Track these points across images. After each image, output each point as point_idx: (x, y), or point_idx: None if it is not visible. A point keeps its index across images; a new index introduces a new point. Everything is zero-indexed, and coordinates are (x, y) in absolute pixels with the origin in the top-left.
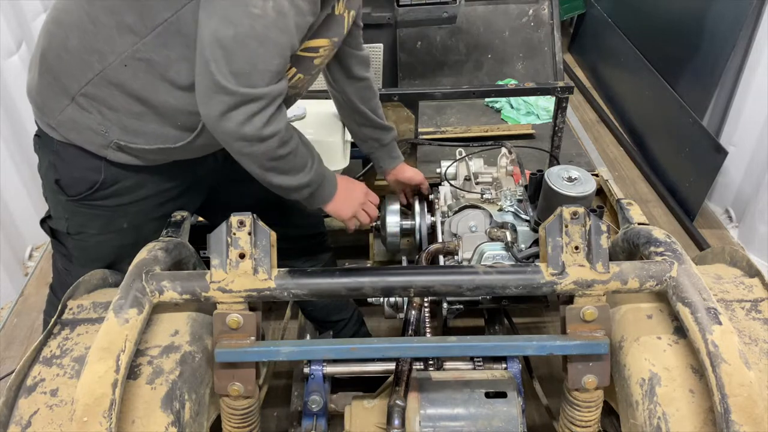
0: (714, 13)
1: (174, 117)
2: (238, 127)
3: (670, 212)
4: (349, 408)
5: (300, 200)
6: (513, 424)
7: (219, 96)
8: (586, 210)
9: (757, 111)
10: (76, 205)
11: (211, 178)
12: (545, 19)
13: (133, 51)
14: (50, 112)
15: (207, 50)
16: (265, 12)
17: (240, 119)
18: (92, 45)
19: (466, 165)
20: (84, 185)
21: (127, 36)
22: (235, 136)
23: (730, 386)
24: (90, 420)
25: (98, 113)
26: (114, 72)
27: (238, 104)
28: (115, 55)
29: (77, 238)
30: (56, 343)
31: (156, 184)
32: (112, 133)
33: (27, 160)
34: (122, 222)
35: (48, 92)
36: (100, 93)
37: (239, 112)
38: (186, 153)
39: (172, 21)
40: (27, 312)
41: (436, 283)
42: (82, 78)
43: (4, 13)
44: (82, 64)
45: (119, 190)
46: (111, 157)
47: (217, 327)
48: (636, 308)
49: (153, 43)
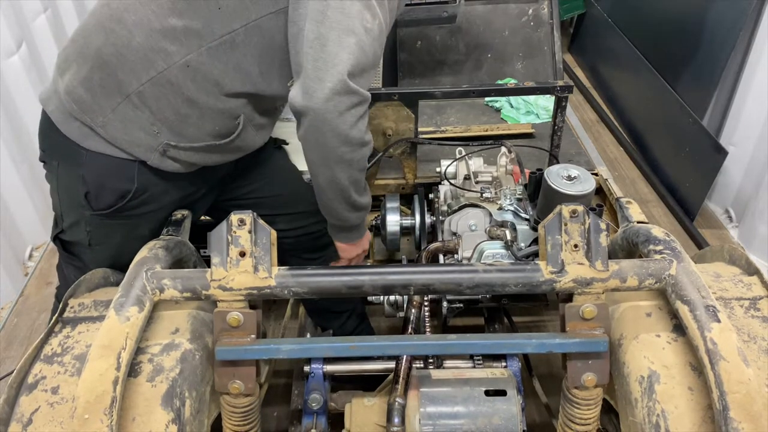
0: (714, 13)
1: (214, 120)
2: (349, 127)
3: (670, 212)
4: (349, 406)
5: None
6: (512, 422)
7: (340, 94)
8: (586, 208)
9: (757, 111)
10: (101, 218)
11: (225, 180)
12: (545, 19)
13: (197, 54)
14: (99, 109)
15: (328, 52)
16: (373, 26)
17: (351, 120)
18: (159, 44)
19: (466, 164)
20: (113, 196)
21: (194, 39)
22: (341, 134)
23: (728, 383)
24: (91, 417)
25: (150, 113)
26: (176, 71)
27: (354, 104)
28: (180, 55)
29: (99, 248)
30: (57, 341)
31: (179, 190)
32: (163, 134)
33: (27, 160)
34: (145, 229)
35: (99, 89)
36: (156, 92)
37: (352, 113)
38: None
39: (239, 32)
40: (27, 312)
41: (435, 281)
42: (144, 75)
43: (4, 13)
44: (146, 62)
45: (148, 199)
46: (153, 161)
47: (217, 325)
48: (635, 306)
49: (216, 49)
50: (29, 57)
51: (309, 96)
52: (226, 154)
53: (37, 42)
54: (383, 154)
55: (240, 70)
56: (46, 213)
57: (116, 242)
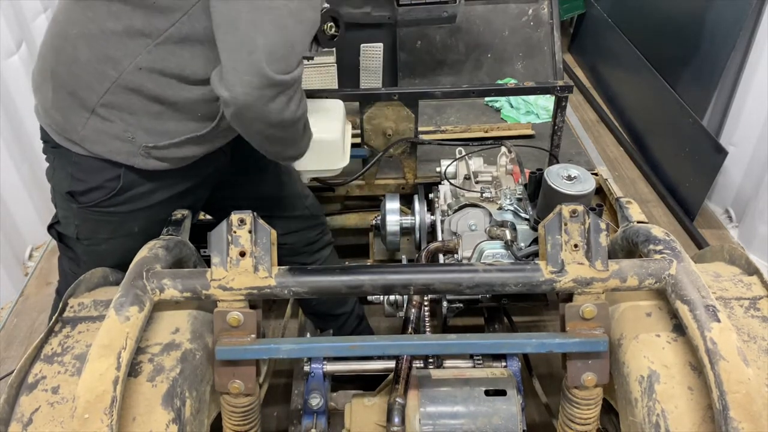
0: (714, 13)
1: (193, 110)
2: (278, 114)
3: (670, 212)
4: (349, 406)
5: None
6: (512, 422)
7: (260, 88)
8: (586, 208)
9: (757, 111)
10: (88, 211)
11: (220, 176)
12: (545, 19)
13: (146, 53)
14: (72, 128)
15: (241, 37)
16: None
17: (279, 107)
18: (104, 53)
19: (466, 164)
20: (99, 194)
21: (139, 39)
22: (271, 122)
23: (728, 383)
24: (91, 417)
25: (120, 120)
26: (130, 77)
27: (279, 93)
28: (129, 59)
29: (87, 243)
30: (57, 340)
31: (169, 188)
32: (139, 138)
33: (27, 160)
34: (133, 226)
35: (66, 109)
36: (119, 100)
37: (279, 100)
38: (213, 140)
39: (183, 21)
40: (27, 312)
41: (435, 281)
42: (99, 88)
43: (4, 13)
44: (97, 74)
45: (133, 197)
46: (139, 164)
47: (217, 325)
48: (635, 306)
49: (166, 44)
50: (29, 57)
51: (228, 89)
52: (215, 141)
53: (37, 42)
54: (383, 154)
55: (197, 57)
56: (46, 213)
57: (104, 237)
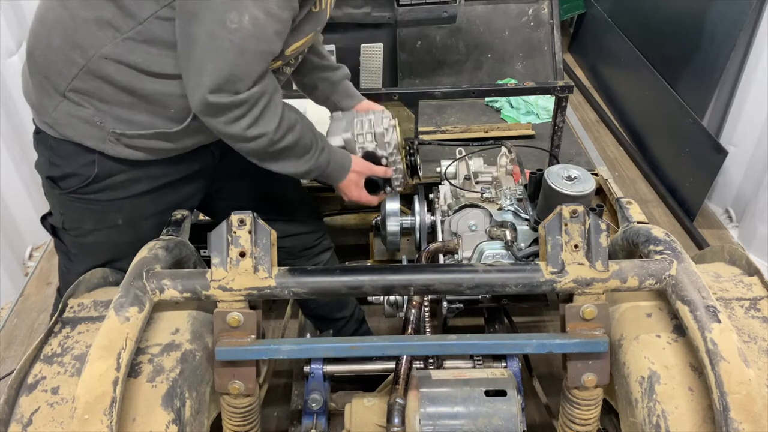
0: (714, 13)
1: (166, 104)
2: (224, 127)
3: (670, 212)
4: (349, 406)
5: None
6: (513, 423)
7: (205, 104)
8: (586, 209)
9: (757, 111)
10: (69, 199)
11: (209, 175)
12: (545, 19)
13: (113, 45)
14: (45, 110)
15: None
16: (241, 25)
17: (223, 121)
18: (73, 40)
19: (466, 164)
20: (76, 180)
21: (107, 30)
22: (222, 134)
23: (729, 384)
24: (91, 418)
25: (91, 106)
26: (96, 66)
27: (221, 110)
28: (94, 50)
29: (74, 234)
30: (57, 341)
31: (149, 180)
32: (107, 123)
33: (27, 159)
34: (117, 217)
35: (40, 91)
36: (88, 87)
37: (223, 118)
38: (185, 138)
39: (151, 20)
40: (27, 312)
41: (435, 281)
42: (68, 74)
43: (4, 13)
44: (66, 60)
45: (112, 185)
46: (109, 150)
47: (217, 325)
48: (635, 306)
49: (135, 40)
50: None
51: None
52: (185, 140)
53: None
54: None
55: (166, 57)
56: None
57: (89, 228)
